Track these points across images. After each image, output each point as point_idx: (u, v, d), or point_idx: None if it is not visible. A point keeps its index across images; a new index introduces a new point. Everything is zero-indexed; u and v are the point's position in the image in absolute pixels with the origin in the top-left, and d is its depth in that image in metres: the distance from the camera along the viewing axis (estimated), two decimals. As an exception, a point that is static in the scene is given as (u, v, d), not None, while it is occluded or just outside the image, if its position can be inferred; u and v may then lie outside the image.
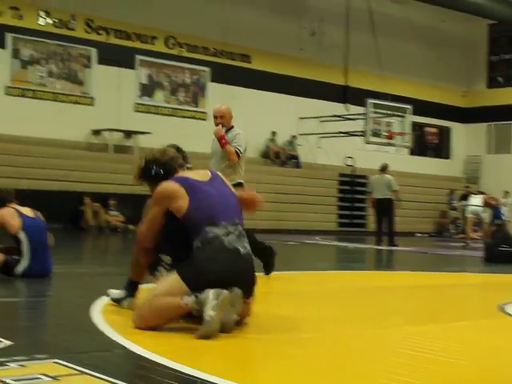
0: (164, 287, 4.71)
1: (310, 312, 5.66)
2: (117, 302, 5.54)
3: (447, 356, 4.37)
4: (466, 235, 23.44)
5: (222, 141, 8.59)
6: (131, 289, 5.51)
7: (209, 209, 4.85)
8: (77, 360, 3.67)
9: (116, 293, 5.58)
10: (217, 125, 8.76)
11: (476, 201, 22.32)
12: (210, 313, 4.32)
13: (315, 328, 5.02)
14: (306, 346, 4.63)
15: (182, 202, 4.81)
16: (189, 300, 4.46)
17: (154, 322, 4.65)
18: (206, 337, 4.36)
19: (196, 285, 4.55)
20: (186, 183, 4.91)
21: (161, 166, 5.11)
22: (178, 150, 5.61)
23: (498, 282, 10.02)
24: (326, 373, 3.91)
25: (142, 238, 5.08)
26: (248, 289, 4.80)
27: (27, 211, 7.62)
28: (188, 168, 5.37)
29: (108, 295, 5.64)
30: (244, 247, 4.82)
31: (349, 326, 5.42)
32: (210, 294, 4.37)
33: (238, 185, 8.22)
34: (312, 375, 3.85)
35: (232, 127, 8.91)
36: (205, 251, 4.69)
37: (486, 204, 22.27)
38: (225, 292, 4.42)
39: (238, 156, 8.66)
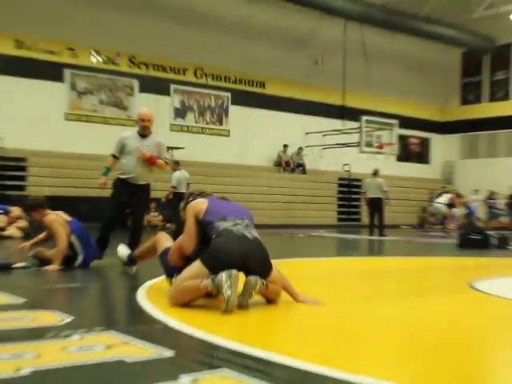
0: (188, 272, 4.81)
1: (316, 291, 5.65)
2: (124, 262, 6.28)
3: (427, 324, 4.43)
4: (447, 226, 23.56)
5: (151, 161, 7.89)
6: (134, 261, 6.31)
7: (221, 210, 5.10)
8: (126, 332, 3.76)
9: (123, 251, 6.31)
10: (143, 127, 7.88)
11: (442, 199, 22.65)
12: (227, 293, 4.42)
13: (323, 305, 5.03)
14: (314, 318, 4.67)
15: (202, 205, 5.09)
16: (207, 283, 4.55)
17: (181, 301, 4.75)
18: (229, 312, 4.45)
19: (214, 267, 4.65)
20: (207, 196, 5.39)
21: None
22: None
23: (469, 264, 10.01)
24: (335, 337, 3.96)
25: (187, 246, 5.10)
26: (262, 268, 4.85)
27: (65, 215, 7.62)
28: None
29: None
30: (251, 234, 4.92)
31: (352, 303, 5.46)
32: (223, 277, 4.45)
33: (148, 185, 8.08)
34: (317, 341, 3.89)
35: (151, 132, 8.06)
36: (218, 239, 4.81)
37: (452, 202, 22.80)
38: (234, 271, 4.51)
39: (167, 163, 8.35)
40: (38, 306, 4.69)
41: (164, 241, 5.65)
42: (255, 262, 4.85)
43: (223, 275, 4.46)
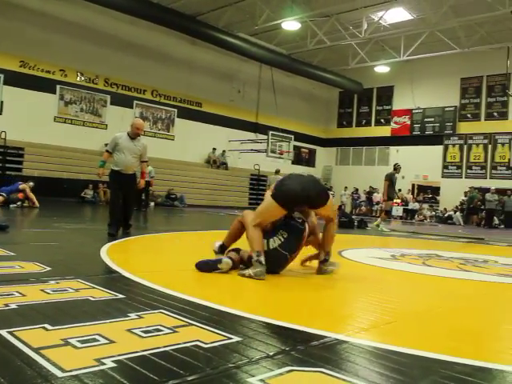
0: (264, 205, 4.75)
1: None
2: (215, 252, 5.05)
3: (310, 280, 4.42)
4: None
5: (143, 177, 7.87)
6: (222, 250, 5.06)
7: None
8: (90, 280, 3.66)
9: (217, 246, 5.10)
10: (136, 133, 7.41)
11: None
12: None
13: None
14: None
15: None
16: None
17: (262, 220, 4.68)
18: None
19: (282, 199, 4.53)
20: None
21: None
22: None
23: (338, 239, 10.16)
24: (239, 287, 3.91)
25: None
26: (320, 198, 4.69)
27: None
28: None
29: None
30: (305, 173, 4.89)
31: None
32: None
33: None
34: (225, 287, 3.85)
35: (139, 136, 7.55)
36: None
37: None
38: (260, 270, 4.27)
39: (146, 161, 7.87)
40: (24, 258, 4.48)
41: (247, 213, 4.97)
42: (313, 192, 4.48)
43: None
